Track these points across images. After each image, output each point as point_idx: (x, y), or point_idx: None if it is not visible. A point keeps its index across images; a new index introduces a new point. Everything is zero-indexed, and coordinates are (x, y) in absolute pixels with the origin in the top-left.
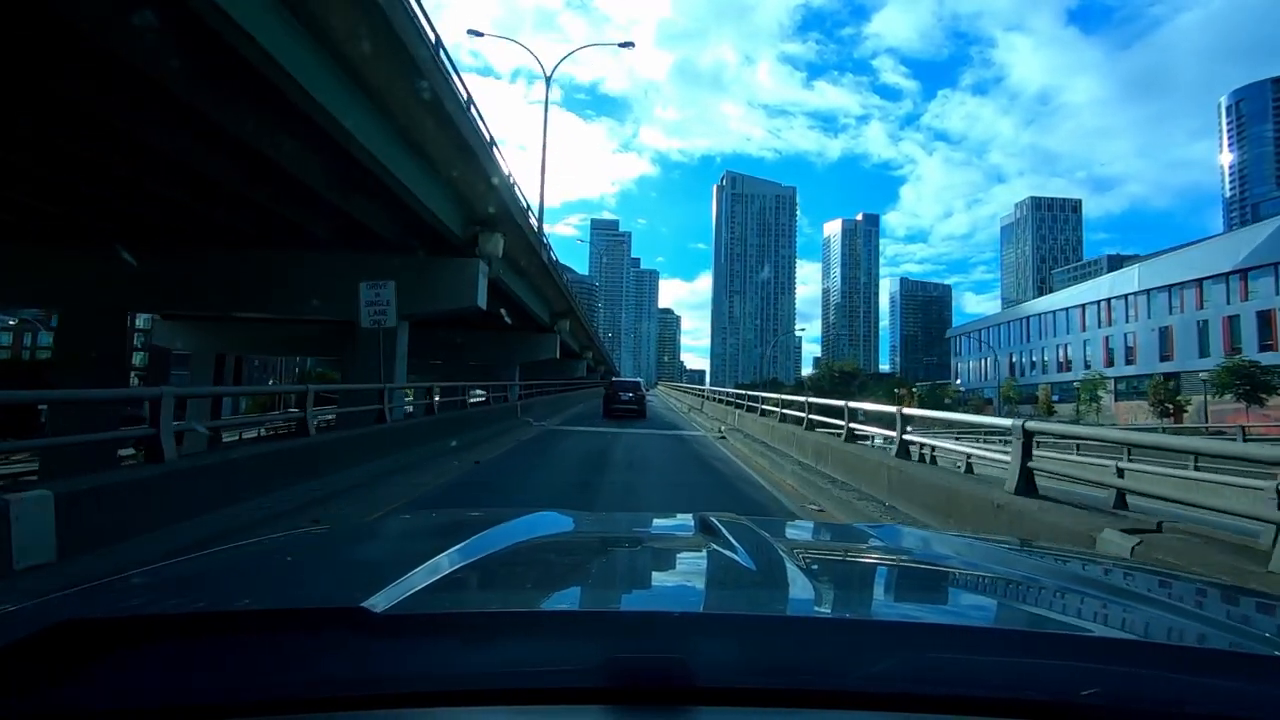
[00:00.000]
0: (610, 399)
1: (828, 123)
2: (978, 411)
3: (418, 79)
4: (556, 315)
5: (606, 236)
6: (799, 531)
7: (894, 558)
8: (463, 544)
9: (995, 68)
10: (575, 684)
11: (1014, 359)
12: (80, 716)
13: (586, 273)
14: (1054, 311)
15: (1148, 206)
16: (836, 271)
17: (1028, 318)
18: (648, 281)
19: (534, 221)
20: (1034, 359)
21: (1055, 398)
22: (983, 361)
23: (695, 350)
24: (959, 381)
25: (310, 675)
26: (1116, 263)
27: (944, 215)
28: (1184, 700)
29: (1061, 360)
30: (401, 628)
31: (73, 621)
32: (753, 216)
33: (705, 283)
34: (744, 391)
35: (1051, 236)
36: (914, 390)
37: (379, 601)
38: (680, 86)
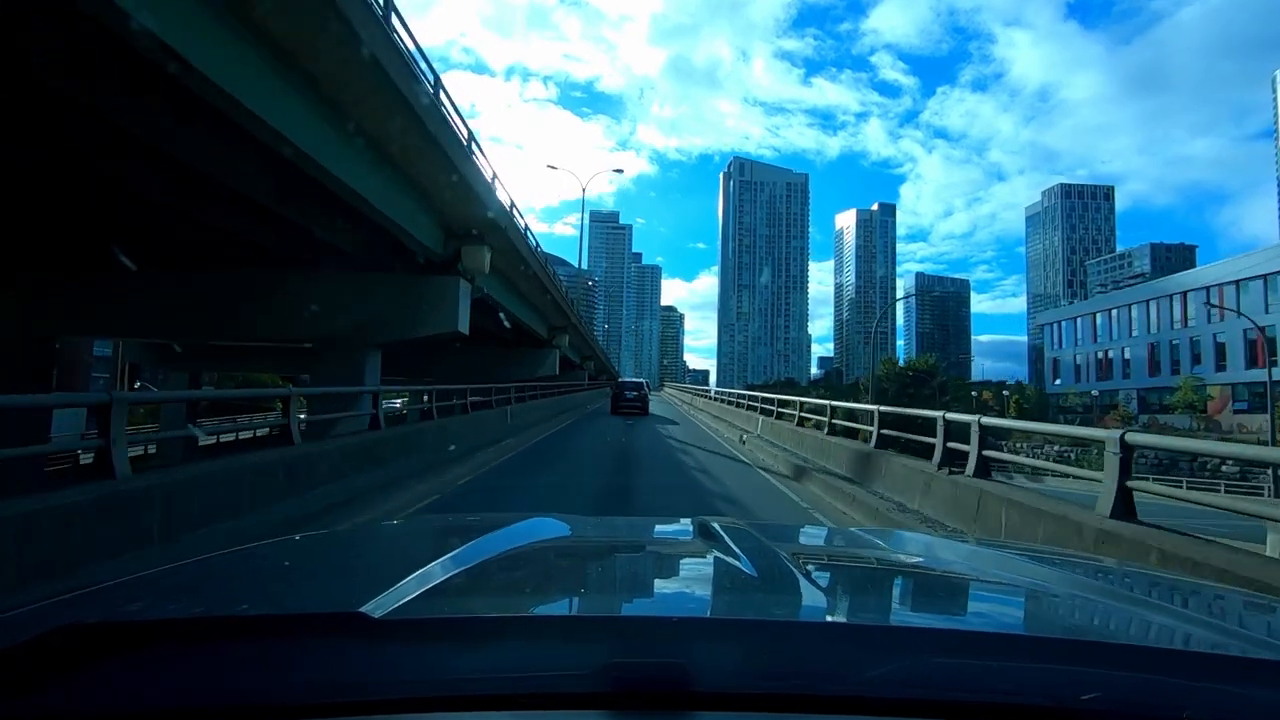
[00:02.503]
0: (617, 397)
1: (826, 120)
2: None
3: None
4: (555, 329)
5: (605, 229)
6: (799, 536)
7: (895, 563)
8: (461, 549)
9: (995, 64)
10: (575, 689)
11: (1155, 352)
12: None
13: (585, 266)
14: (1240, 280)
15: (1149, 204)
16: (850, 265)
17: (1183, 293)
18: (649, 277)
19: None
20: (1197, 351)
21: (1240, 405)
22: (1101, 355)
23: (696, 351)
24: (1058, 381)
25: (309, 680)
26: (1161, 252)
27: (944, 214)
28: (1184, 705)
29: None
30: (400, 633)
31: (72, 626)
32: (762, 206)
33: (705, 282)
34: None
35: (1082, 226)
36: (1018, 399)
37: (378, 606)
38: (676, 83)
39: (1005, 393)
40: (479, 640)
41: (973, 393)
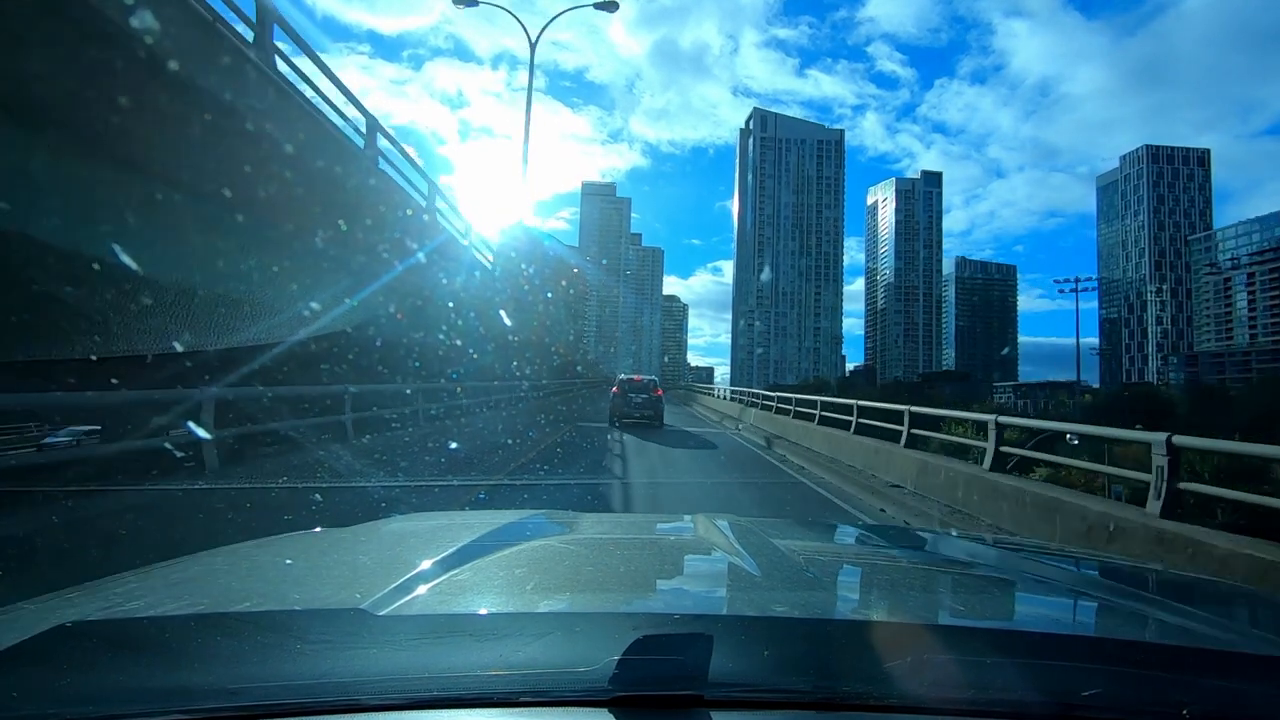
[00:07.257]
0: (621, 401)
1: (823, 113)
2: None
3: None
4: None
5: (600, 203)
6: (801, 532)
7: (898, 559)
8: (464, 546)
9: (994, 55)
10: (577, 686)
11: None
12: (81, 719)
13: (575, 245)
14: None
15: None
16: (889, 244)
17: None
18: (649, 261)
19: None
20: None
21: None
22: None
23: (696, 349)
24: None
25: (312, 677)
26: None
27: (944, 211)
28: (1183, 700)
29: None
30: (403, 630)
31: (73, 624)
32: (788, 169)
33: (702, 279)
34: None
35: (1172, 197)
36: None
37: (380, 603)
38: (669, 74)
39: None
40: (482, 637)
41: None
